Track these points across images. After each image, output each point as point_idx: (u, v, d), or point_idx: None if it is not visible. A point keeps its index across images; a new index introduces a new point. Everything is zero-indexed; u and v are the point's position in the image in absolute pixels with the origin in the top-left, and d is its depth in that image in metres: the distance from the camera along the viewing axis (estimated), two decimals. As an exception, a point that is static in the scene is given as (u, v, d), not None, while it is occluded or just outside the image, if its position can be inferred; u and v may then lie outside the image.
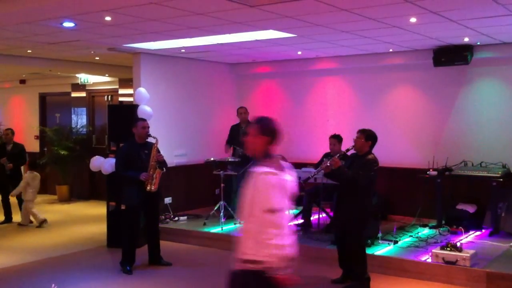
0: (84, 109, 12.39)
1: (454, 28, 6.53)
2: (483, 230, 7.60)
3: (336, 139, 7.63)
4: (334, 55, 8.96)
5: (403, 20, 6.09)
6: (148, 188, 6.34)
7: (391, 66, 8.81)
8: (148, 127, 6.58)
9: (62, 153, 11.64)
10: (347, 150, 5.90)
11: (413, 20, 6.05)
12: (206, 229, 7.90)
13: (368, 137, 5.68)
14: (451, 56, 7.83)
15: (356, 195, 5.62)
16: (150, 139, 6.57)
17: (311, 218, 7.98)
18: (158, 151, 6.52)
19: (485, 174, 7.48)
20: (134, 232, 6.56)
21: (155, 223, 6.74)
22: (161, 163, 6.51)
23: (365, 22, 6.14)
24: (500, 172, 7.41)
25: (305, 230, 7.74)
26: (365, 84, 9.15)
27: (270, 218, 2.98)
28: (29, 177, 9.24)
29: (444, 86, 8.41)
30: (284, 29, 6.64)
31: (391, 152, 8.45)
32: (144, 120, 6.73)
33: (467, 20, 6.12)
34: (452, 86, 8.34)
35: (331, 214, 7.75)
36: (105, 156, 7.84)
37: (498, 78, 8.03)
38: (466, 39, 7.34)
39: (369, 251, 6.37)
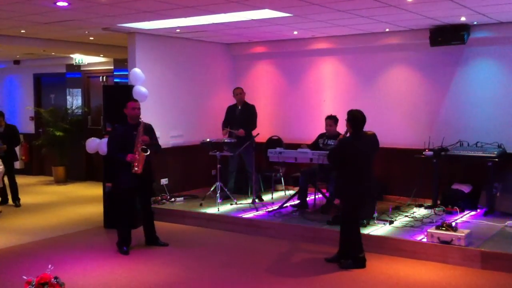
0: (79, 90, 12.33)
1: (451, 7, 6.48)
2: (478, 210, 7.63)
3: (333, 120, 7.65)
4: (330, 35, 8.90)
5: (400, -1, 6.04)
6: (133, 170, 6.30)
7: (387, 46, 8.75)
8: (139, 108, 6.50)
9: (58, 134, 11.63)
10: (346, 132, 5.87)
11: (410, -1, 6.01)
12: (202, 210, 7.92)
13: (348, 116, 5.73)
14: (448, 35, 7.78)
15: (350, 175, 5.65)
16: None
17: (307, 199, 7.99)
18: (143, 133, 6.35)
19: (480, 154, 7.49)
20: (129, 214, 6.56)
21: (148, 205, 6.73)
22: (147, 145, 6.34)
23: (362, 1, 6.09)
24: (495, 152, 7.42)
25: (301, 210, 7.76)
26: (361, 64, 9.10)
27: None
28: None
29: (441, 65, 8.37)
30: (280, 8, 6.58)
31: (387, 132, 8.42)
32: (135, 101, 6.64)
33: (464, -1, 6.08)
34: (449, 66, 8.30)
35: (327, 194, 7.78)
36: (101, 137, 7.81)
37: (495, 58, 7.99)
38: (463, 19, 7.30)
39: (364, 231, 6.40)
